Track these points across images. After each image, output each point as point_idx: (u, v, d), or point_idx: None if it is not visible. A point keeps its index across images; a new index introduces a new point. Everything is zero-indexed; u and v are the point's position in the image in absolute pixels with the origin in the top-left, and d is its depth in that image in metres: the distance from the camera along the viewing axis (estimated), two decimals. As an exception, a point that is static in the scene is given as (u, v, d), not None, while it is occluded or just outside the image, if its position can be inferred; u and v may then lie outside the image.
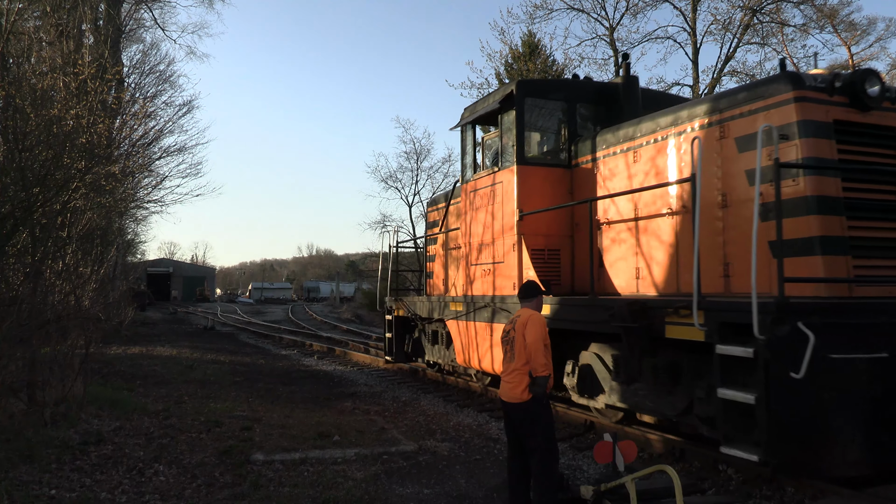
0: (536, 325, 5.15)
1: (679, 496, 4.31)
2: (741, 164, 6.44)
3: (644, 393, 7.08)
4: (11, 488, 5.49)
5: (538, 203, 8.92)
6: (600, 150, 8.68)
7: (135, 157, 19.03)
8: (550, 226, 9.07)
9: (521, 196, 8.97)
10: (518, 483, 5.24)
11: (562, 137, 9.52)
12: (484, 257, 9.88)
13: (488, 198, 9.76)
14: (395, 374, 14.89)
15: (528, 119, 9.33)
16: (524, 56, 35.05)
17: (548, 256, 9.06)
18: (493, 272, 9.58)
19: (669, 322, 6.24)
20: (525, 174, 9.04)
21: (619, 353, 7.30)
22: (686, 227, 7.09)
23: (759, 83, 6.69)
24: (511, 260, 9.04)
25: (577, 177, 9.13)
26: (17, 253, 8.82)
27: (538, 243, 8.95)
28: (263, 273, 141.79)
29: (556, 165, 9.38)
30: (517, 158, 9.03)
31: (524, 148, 9.16)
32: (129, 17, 26.10)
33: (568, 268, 9.15)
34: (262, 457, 6.84)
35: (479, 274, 10.04)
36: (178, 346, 19.75)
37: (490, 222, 9.70)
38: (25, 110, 8.65)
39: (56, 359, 8.23)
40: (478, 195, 10.14)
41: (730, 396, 5.35)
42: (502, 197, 9.34)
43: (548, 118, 9.69)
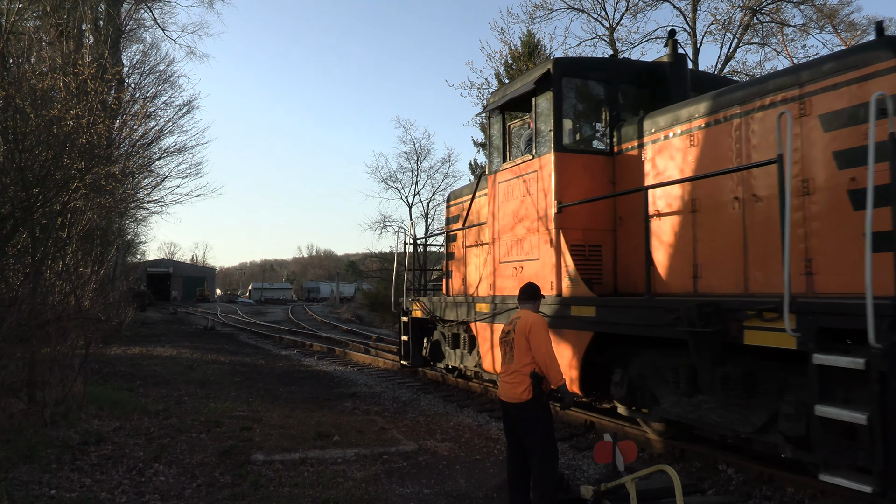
0: (542, 332, 5.14)
1: (679, 496, 4.31)
2: (827, 145, 5.63)
3: (710, 406, 6.24)
4: (11, 488, 5.50)
5: (577, 194, 8.13)
6: (649, 134, 7.82)
7: (135, 157, 19.06)
8: (591, 219, 8.24)
9: (559, 186, 8.16)
10: (518, 483, 5.24)
11: (602, 122, 8.65)
12: (515, 254, 9.09)
13: (520, 189, 8.98)
14: (395, 374, 14.88)
15: (566, 101, 8.47)
16: (524, 56, 35.09)
17: (588, 253, 8.22)
18: (525, 270, 8.81)
19: (749, 326, 5.43)
20: (563, 162, 8.22)
21: (678, 360, 6.53)
22: (758, 218, 6.28)
23: (850, 51, 5.91)
24: (547, 257, 8.29)
25: (620, 165, 8.28)
26: (17, 253, 8.82)
27: (578, 238, 8.16)
28: (263, 273, 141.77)
29: (596, 153, 8.57)
30: (555, 145, 8.19)
31: (562, 133, 8.33)
32: (129, 17, 26.12)
33: (610, 265, 8.30)
34: (262, 457, 6.84)
35: (508, 272, 9.20)
36: (178, 346, 19.74)
37: (522, 216, 8.91)
38: (25, 110, 8.65)
39: (56, 359, 8.23)
40: (507, 186, 9.34)
41: (832, 415, 4.61)
42: (537, 188, 8.55)
43: (587, 100, 8.84)
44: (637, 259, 7.73)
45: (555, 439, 5.24)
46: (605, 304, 7.24)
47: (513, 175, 9.18)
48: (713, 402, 6.20)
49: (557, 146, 8.22)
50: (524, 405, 5.06)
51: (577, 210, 8.13)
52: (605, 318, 7.15)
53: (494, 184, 9.73)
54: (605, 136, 8.59)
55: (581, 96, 8.78)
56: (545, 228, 8.36)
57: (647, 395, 7.13)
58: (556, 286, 8.08)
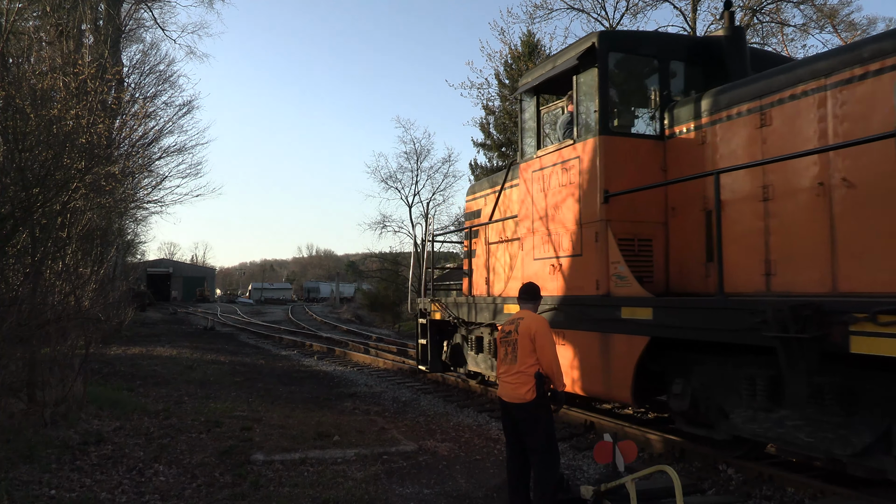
0: (548, 335, 5.15)
1: (679, 496, 4.31)
2: None
3: (796, 423, 5.48)
4: (11, 488, 5.49)
5: (625, 182, 7.33)
6: (708, 115, 7.05)
7: (135, 157, 19.08)
8: (640, 210, 7.46)
9: (605, 173, 7.36)
10: (518, 483, 5.24)
11: (651, 102, 7.89)
12: (551, 250, 8.28)
13: (558, 178, 8.17)
14: (395, 374, 14.89)
15: (613, 79, 7.70)
16: (524, 56, 35.11)
17: (638, 248, 7.42)
18: (564, 268, 8.03)
19: (858, 332, 4.64)
20: (610, 147, 7.41)
21: (755, 370, 5.79)
22: (851, 205, 5.53)
23: None
24: (591, 253, 7.49)
25: (672, 150, 7.53)
26: (17, 253, 8.81)
27: (626, 231, 7.36)
28: (263, 273, 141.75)
29: (645, 136, 7.79)
30: (600, 127, 7.44)
31: (608, 114, 7.57)
32: (129, 17, 26.12)
33: (661, 261, 7.52)
34: (262, 457, 6.84)
35: (544, 270, 8.39)
36: (178, 346, 19.74)
37: (561, 208, 8.10)
38: (25, 110, 8.65)
39: (56, 359, 8.23)
40: (543, 176, 8.51)
41: None
42: (579, 176, 7.75)
43: (635, 79, 8.06)
44: (693, 254, 7.11)
45: (555, 439, 5.25)
46: (666, 306, 6.38)
47: (549, 163, 8.39)
48: (800, 418, 5.42)
49: (603, 129, 7.45)
50: (527, 405, 5.06)
51: (626, 200, 7.34)
52: (664, 322, 6.29)
53: (527, 173, 8.94)
54: (655, 119, 7.82)
55: (628, 74, 7.92)
56: (589, 221, 7.56)
57: (712, 409, 6.35)
58: (602, 285, 7.28)
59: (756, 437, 5.88)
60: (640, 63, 7.94)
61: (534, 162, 8.77)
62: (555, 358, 5.12)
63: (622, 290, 7.01)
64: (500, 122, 40.96)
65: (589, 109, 7.75)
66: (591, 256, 7.51)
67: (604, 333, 7.10)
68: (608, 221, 7.32)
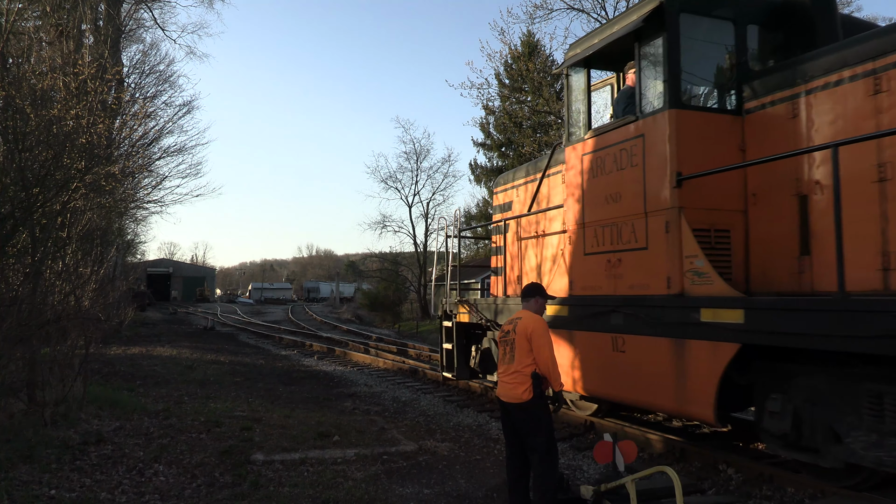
0: (544, 336, 5.15)
1: (679, 496, 4.31)
2: None
3: None
4: (11, 488, 5.50)
5: (699, 163, 6.35)
6: (803, 83, 6.04)
7: (135, 157, 19.09)
8: (717, 197, 6.50)
9: (678, 153, 6.39)
10: (517, 483, 5.24)
11: (726, 72, 6.91)
12: (608, 243, 7.28)
13: (615, 161, 7.20)
14: (394, 374, 14.89)
15: (684, 45, 6.67)
16: (523, 56, 35.12)
17: (714, 239, 6.46)
18: (624, 264, 7.03)
19: None
20: (683, 122, 6.45)
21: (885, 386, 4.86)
22: None
23: None
24: (660, 245, 6.51)
25: (753, 126, 6.58)
26: (17, 253, 8.81)
27: (701, 220, 6.38)
28: (263, 273, 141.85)
29: (721, 111, 6.83)
30: (671, 100, 6.46)
31: (680, 85, 6.58)
32: (129, 17, 26.12)
33: (741, 256, 6.57)
34: (262, 457, 6.84)
35: (598, 266, 7.40)
36: (178, 346, 19.75)
37: (619, 195, 7.13)
38: (25, 110, 8.64)
39: (56, 359, 8.23)
40: (596, 159, 7.52)
41: None
42: (643, 157, 6.79)
43: (708, 45, 6.99)
44: (780, 247, 6.15)
45: (555, 439, 5.25)
46: (768, 307, 5.33)
47: (604, 144, 7.39)
48: None
49: (675, 102, 6.47)
50: (525, 405, 5.06)
51: (700, 185, 6.37)
52: (761, 326, 5.33)
53: (575, 158, 7.91)
54: (731, 91, 6.87)
55: (700, 39, 6.88)
56: (657, 209, 6.59)
57: (819, 431, 5.39)
58: (675, 283, 6.28)
59: (882, 467, 4.90)
60: (713, 27, 6.87)
61: (584, 144, 7.74)
62: (551, 357, 5.12)
63: (700, 288, 6.03)
64: (500, 122, 40.99)
65: (655, 81, 6.78)
66: (660, 250, 6.50)
67: (676, 339, 6.14)
68: (681, 209, 6.31)
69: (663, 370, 6.34)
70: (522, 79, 35.88)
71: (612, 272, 7.20)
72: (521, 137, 35.95)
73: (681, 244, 6.28)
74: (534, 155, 34.45)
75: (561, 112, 31.96)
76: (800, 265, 6.00)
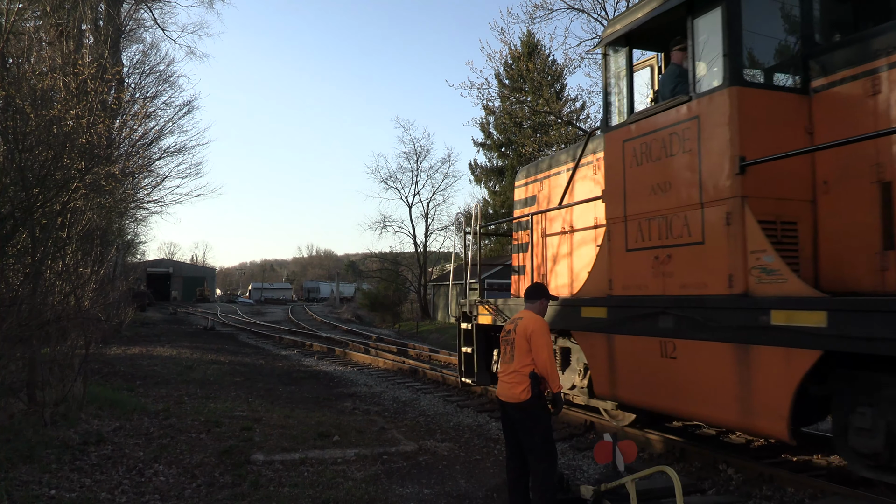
0: (543, 337, 5.15)
1: (679, 496, 4.31)
2: None
3: None
4: (11, 488, 5.50)
5: (763, 148, 5.70)
6: (885, 56, 5.38)
7: (135, 157, 19.09)
8: (783, 185, 5.85)
9: (741, 136, 5.71)
10: (517, 483, 5.24)
11: (791, 47, 6.25)
12: (655, 237, 6.56)
13: (663, 147, 6.48)
14: (394, 374, 14.90)
15: (746, 14, 5.99)
16: (524, 56, 35.14)
17: (781, 232, 5.80)
18: (675, 260, 6.31)
19: None
20: (746, 101, 5.77)
21: None
22: None
23: None
24: (720, 239, 5.82)
25: (822, 105, 5.93)
26: (17, 253, 8.81)
27: (766, 211, 5.72)
28: (263, 273, 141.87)
29: (786, 89, 6.13)
30: (731, 76, 5.78)
31: (742, 59, 5.89)
32: (129, 17, 26.12)
33: (809, 251, 5.92)
34: (262, 457, 6.84)
35: (643, 263, 6.70)
36: (178, 346, 19.75)
37: (668, 184, 6.44)
38: (25, 110, 8.64)
39: (56, 359, 8.23)
40: (640, 146, 6.80)
41: None
42: (698, 141, 6.09)
43: (770, 17, 6.27)
44: (857, 241, 5.55)
45: (553, 439, 5.25)
46: (859, 308, 4.65)
47: (650, 129, 6.68)
48: None
49: (736, 78, 5.78)
50: (523, 405, 5.06)
51: (766, 172, 5.72)
52: (850, 331, 4.65)
53: (615, 145, 7.19)
54: (795, 69, 6.20)
55: (763, 11, 6.20)
56: (715, 199, 5.90)
57: None
58: (738, 281, 5.61)
59: None
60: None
61: (626, 130, 7.01)
62: (549, 358, 5.10)
63: (769, 287, 5.37)
64: (500, 123, 41.02)
65: (712, 56, 6.12)
66: (720, 244, 5.83)
67: (740, 345, 5.51)
68: (745, 198, 5.63)
69: (723, 379, 5.68)
70: (522, 79, 35.89)
71: (661, 270, 6.47)
72: (522, 137, 35.95)
73: (744, 238, 5.60)
74: (534, 155, 34.45)
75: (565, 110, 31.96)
76: (882, 261, 5.30)
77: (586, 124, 33.24)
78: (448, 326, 34.57)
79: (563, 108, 32.62)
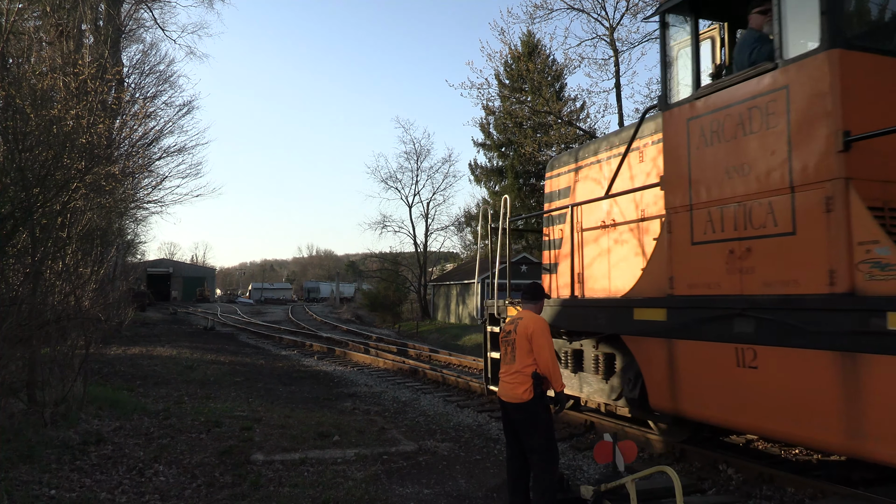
0: (544, 335, 5.16)
1: (679, 496, 4.31)
2: None
3: None
4: (11, 488, 5.49)
5: (870, 121, 4.88)
6: None
7: (135, 157, 19.11)
8: (893, 166, 5.06)
9: (845, 106, 4.89)
10: (518, 483, 5.25)
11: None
12: (729, 229, 5.67)
13: (742, 123, 5.60)
14: (394, 374, 14.90)
15: None
16: (524, 56, 35.14)
17: (890, 221, 4.98)
18: (757, 254, 5.44)
19: None
20: (849, 66, 4.94)
21: None
22: None
23: None
24: (817, 229, 4.99)
25: None
26: (17, 253, 8.81)
27: (873, 195, 4.91)
28: (263, 273, 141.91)
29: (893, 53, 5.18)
30: (830, 37, 4.93)
31: (844, 15, 5.09)
32: (129, 17, 26.13)
33: None
34: (262, 457, 6.84)
35: (714, 258, 5.79)
36: (178, 346, 19.75)
37: (749, 165, 5.54)
38: (25, 110, 8.64)
39: (56, 359, 8.24)
40: (710, 124, 5.91)
41: None
42: (787, 115, 5.25)
43: None
44: None
45: (555, 439, 5.25)
46: None
47: (722, 104, 5.83)
48: None
49: (838, 39, 4.94)
50: (525, 405, 5.07)
51: (872, 150, 4.91)
52: None
53: (677, 123, 6.29)
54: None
55: None
56: (811, 181, 5.07)
57: None
58: (841, 277, 4.80)
59: None
60: None
61: (691, 106, 6.17)
62: (551, 358, 5.11)
63: (885, 284, 4.58)
64: (500, 123, 41.03)
65: (804, 16, 5.27)
66: (818, 234, 5.01)
67: (846, 353, 4.70)
68: (849, 180, 4.82)
69: (823, 394, 4.87)
70: (522, 79, 35.91)
71: (737, 266, 5.59)
72: (521, 137, 35.96)
73: (850, 227, 4.78)
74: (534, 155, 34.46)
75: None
76: None
77: (586, 124, 33.28)
78: (448, 326, 34.60)
79: (563, 108, 32.63)
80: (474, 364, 16.03)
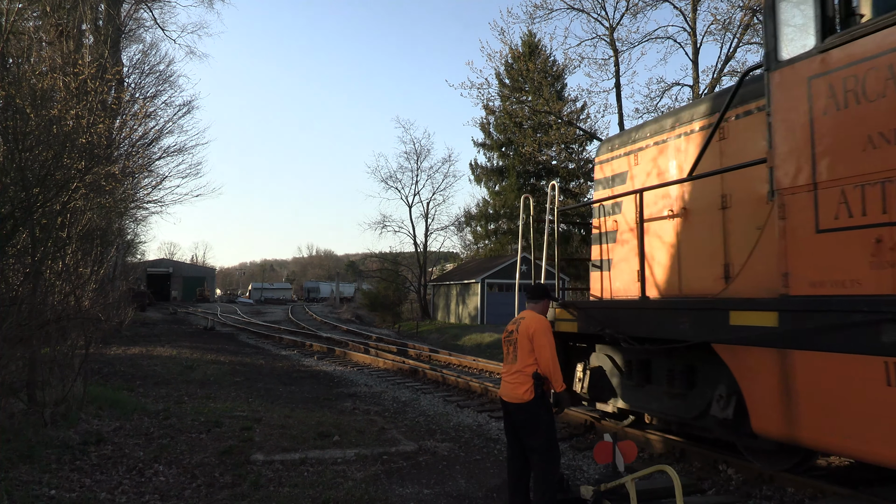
0: (546, 335, 5.15)
1: (679, 496, 4.31)
2: None
3: None
4: (11, 488, 5.49)
5: None
6: None
7: (135, 157, 19.13)
8: None
9: None
10: (518, 483, 5.24)
11: None
12: (870, 212, 4.45)
13: (890, 80, 4.37)
14: (394, 374, 14.90)
15: None
16: (524, 56, 35.15)
17: None
18: None
19: None
20: None
21: None
22: None
23: None
24: None
25: None
26: (17, 253, 8.81)
27: None
28: (263, 273, 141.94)
29: None
30: None
31: None
32: (129, 17, 26.15)
33: None
34: (262, 457, 6.84)
35: (851, 249, 4.56)
36: (178, 346, 19.75)
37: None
38: (25, 110, 8.65)
39: (56, 359, 8.23)
40: (842, 82, 4.71)
41: None
42: None
43: None
44: None
45: (556, 440, 5.25)
46: None
47: (858, 56, 4.61)
48: None
49: None
50: (526, 405, 5.06)
51: None
52: None
53: (794, 85, 5.10)
54: None
55: None
56: None
57: None
58: None
59: None
60: None
61: (813, 62, 4.97)
62: (552, 358, 5.11)
63: None
64: (501, 122, 41.06)
65: None
66: None
67: None
68: None
69: None
70: (523, 79, 35.92)
71: (886, 259, 4.39)
72: (522, 137, 35.97)
73: None
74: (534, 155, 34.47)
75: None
76: None
77: (586, 124, 33.27)
78: (448, 326, 34.59)
79: (564, 108, 32.65)
80: (474, 364, 16.04)
